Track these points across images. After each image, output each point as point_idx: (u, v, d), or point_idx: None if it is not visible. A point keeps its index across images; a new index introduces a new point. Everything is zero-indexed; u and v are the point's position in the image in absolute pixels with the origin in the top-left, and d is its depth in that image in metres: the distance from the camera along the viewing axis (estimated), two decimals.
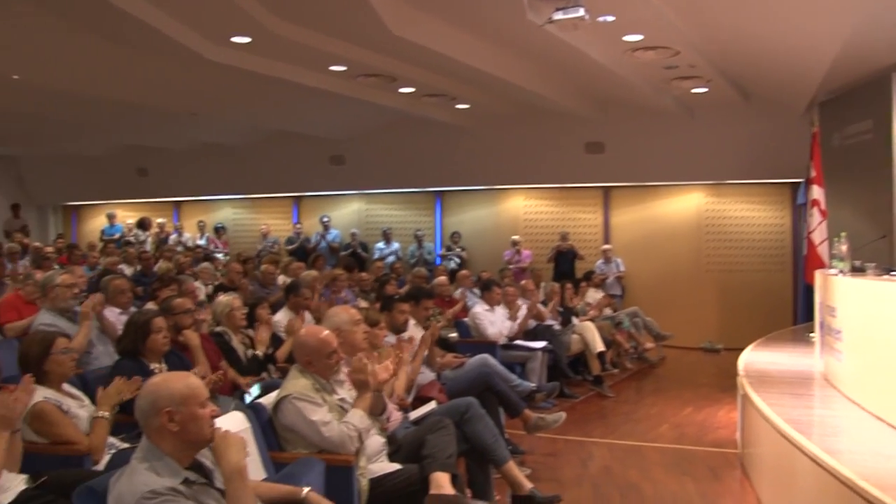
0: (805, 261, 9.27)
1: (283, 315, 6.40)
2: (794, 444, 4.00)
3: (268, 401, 3.73)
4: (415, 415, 4.48)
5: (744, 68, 9.33)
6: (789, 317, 11.47)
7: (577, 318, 9.32)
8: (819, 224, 8.63)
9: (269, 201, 15.01)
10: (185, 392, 2.48)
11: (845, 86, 8.94)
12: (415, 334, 5.56)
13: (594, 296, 10.49)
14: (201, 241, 13.98)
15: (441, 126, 12.27)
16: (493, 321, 7.78)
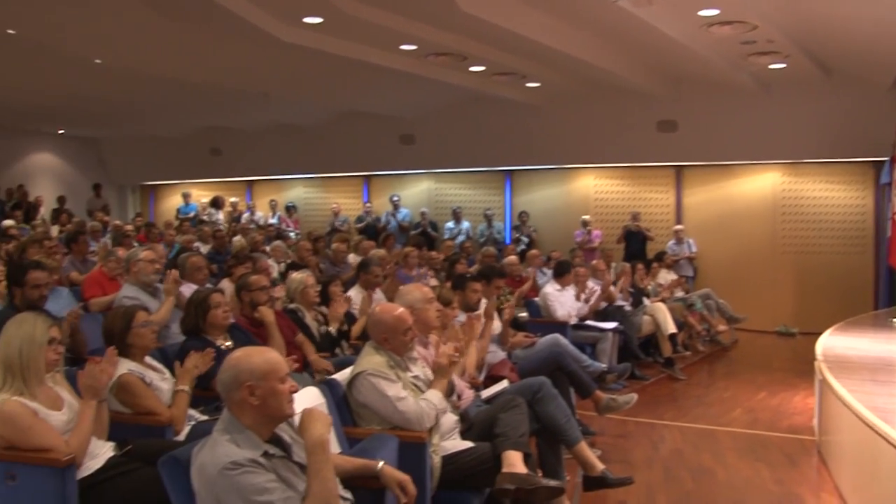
0: (889, 243, 8.94)
1: (356, 293, 6.48)
2: (877, 432, 3.87)
3: (342, 377, 3.79)
4: (487, 393, 4.49)
5: (825, 43, 8.97)
6: (870, 301, 11.09)
7: (649, 299, 9.20)
8: None
9: (340, 180, 15.15)
10: (265, 367, 2.53)
11: None
12: None
13: (666, 277, 10.30)
14: (273, 220, 14.22)
15: (511, 105, 12.19)
16: (563, 302, 7.72)
